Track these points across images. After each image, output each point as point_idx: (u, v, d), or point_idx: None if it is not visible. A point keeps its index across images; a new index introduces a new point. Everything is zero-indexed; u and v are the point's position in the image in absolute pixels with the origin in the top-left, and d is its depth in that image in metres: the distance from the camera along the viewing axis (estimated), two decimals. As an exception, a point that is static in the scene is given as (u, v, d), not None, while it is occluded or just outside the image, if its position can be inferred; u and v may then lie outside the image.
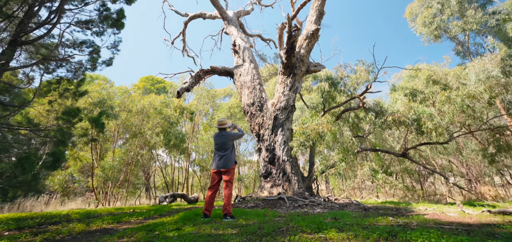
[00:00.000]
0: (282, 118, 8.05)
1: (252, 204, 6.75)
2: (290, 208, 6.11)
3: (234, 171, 4.19)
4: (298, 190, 7.89)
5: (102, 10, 6.70)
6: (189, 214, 3.95)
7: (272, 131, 8.13)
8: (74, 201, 12.94)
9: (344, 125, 11.87)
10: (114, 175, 13.27)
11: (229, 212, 3.71)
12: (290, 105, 8.05)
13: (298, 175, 8.23)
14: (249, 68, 8.85)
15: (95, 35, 6.90)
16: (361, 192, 13.78)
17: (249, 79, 8.68)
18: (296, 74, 8.05)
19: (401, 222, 3.01)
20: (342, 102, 9.21)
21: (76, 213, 5.34)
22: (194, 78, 9.05)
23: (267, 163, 8.30)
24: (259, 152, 8.71)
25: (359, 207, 6.55)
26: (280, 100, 8.08)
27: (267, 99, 8.52)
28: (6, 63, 4.77)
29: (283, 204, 6.62)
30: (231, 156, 4.21)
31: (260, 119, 8.36)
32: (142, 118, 13.88)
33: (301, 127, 7.29)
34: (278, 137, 8.05)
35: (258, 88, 8.54)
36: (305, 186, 8.64)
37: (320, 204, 6.91)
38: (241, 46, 9.34)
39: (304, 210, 5.80)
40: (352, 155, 8.83)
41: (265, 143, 8.31)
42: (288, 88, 8.02)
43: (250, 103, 8.48)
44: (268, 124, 8.20)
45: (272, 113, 8.11)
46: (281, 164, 8.04)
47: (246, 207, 6.55)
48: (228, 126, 4.50)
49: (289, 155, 8.02)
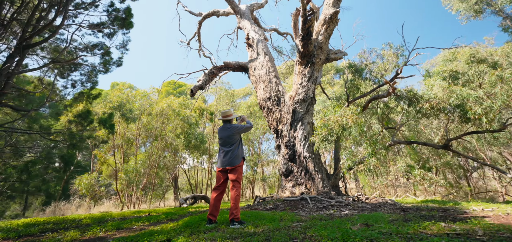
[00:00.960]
0: (301, 112, 7.37)
1: (271, 206, 6.18)
2: (313, 210, 5.44)
3: (241, 168, 3.64)
4: (323, 189, 7.17)
5: (111, 11, 6.59)
6: (194, 219, 3.52)
7: (291, 125, 7.49)
8: (102, 205, 13.38)
9: (372, 117, 10.79)
10: (138, 178, 13.51)
11: (237, 217, 3.20)
12: (310, 97, 7.35)
13: (322, 172, 7.50)
14: (263, 61, 8.30)
15: (107, 37, 6.83)
16: (396, 190, 12.50)
17: (264, 72, 8.13)
18: (314, 63, 7.33)
19: (459, 229, 2.26)
20: (368, 92, 8.26)
21: (88, 218, 5.20)
22: (207, 76, 8.73)
23: (287, 161, 7.69)
24: (278, 149, 8.11)
25: (396, 207, 5.67)
26: (298, 92, 7.41)
27: (284, 92, 7.90)
28: (16, 67, 4.73)
29: (306, 205, 5.97)
30: (238, 152, 3.67)
31: (277, 114, 7.77)
32: (162, 121, 13.98)
33: (322, 120, 6.57)
34: (298, 132, 7.40)
35: (274, 81, 7.96)
36: (330, 184, 7.87)
37: (348, 205, 6.14)
38: (255, 39, 8.83)
39: (329, 212, 5.10)
40: (383, 149, 7.86)
41: (284, 139, 7.70)
42: (306, 78, 7.34)
43: (266, 98, 7.93)
44: (287, 119, 7.57)
45: (290, 107, 7.47)
46: (303, 161, 7.38)
47: (264, 209, 6.01)
48: (234, 117, 3.97)
49: (311, 151, 7.32)
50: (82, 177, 11.90)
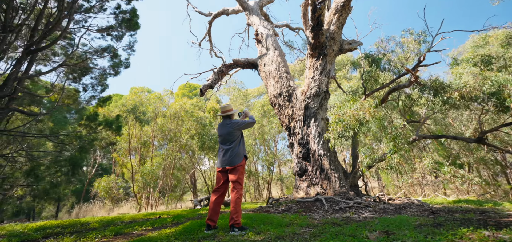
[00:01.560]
0: (314, 107, 6.93)
1: (283, 208, 5.82)
2: (329, 212, 5.00)
3: (243, 168, 3.31)
4: (340, 189, 6.68)
5: (117, 13, 6.57)
6: (195, 225, 3.26)
7: (304, 122, 7.07)
8: (122, 207, 13.71)
9: (393, 111, 10.03)
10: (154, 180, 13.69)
11: (237, 222, 2.88)
12: (323, 91, 6.89)
13: (339, 171, 7.00)
14: (273, 56, 7.95)
15: (115, 40, 6.83)
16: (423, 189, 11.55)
17: (274, 68, 7.77)
18: (326, 55, 6.86)
19: (508, 239, 1.79)
20: (387, 83, 7.60)
21: (97, 221, 5.15)
22: (217, 74, 8.54)
23: (301, 159, 7.28)
24: (291, 147, 7.72)
25: (423, 208, 5.08)
26: (310, 86, 6.98)
27: (295, 87, 7.50)
28: (25, 71, 4.77)
29: (321, 207, 5.54)
30: (239, 150, 3.34)
31: (289, 110, 7.38)
32: (177, 122, 14.08)
33: (336, 115, 6.09)
34: (311, 129, 6.96)
35: (284, 76, 7.58)
36: (349, 184, 7.35)
37: (368, 206, 5.63)
38: (264, 34, 8.50)
39: (346, 214, 4.65)
40: (406, 145, 7.18)
41: (297, 137, 7.30)
42: (318, 72, 6.88)
43: (277, 94, 7.57)
44: (299, 115, 7.17)
45: (302, 103, 7.06)
46: (317, 159, 6.93)
47: (276, 211, 5.66)
48: (234, 112, 3.66)
49: (326, 148, 6.86)
50: (101, 180, 12.24)
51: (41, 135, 4.44)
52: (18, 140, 4.42)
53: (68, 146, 4.65)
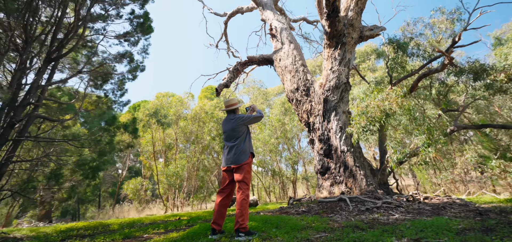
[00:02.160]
0: (334, 100, 6.45)
1: (304, 209, 5.46)
2: (353, 213, 4.55)
3: (249, 166, 3.03)
4: (367, 188, 6.13)
5: (132, 18, 6.70)
6: (202, 228, 3.08)
7: (324, 117, 6.63)
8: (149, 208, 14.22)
9: (425, 100, 9.05)
10: (179, 181, 14.01)
11: (243, 226, 2.62)
12: (343, 82, 6.39)
13: (365, 168, 6.44)
14: (288, 50, 7.59)
15: (132, 45, 6.99)
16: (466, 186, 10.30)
17: (290, 62, 7.42)
18: (345, 44, 6.34)
19: None
20: (416, 69, 6.82)
21: (117, 223, 5.25)
22: (232, 73, 8.40)
23: (322, 157, 6.84)
24: (312, 144, 7.30)
25: (467, 209, 4.41)
26: (328, 78, 6.51)
27: (313, 81, 7.07)
28: (48, 79, 4.99)
29: (345, 208, 5.09)
30: (244, 146, 3.06)
31: (307, 105, 6.98)
32: (198, 124, 14.27)
33: (359, 107, 5.58)
34: (332, 123, 6.49)
35: (301, 70, 7.19)
36: (377, 181, 6.74)
37: (399, 207, 5.05)
38: (278, 28, 8.18)
39: (373, 216, 4.17)
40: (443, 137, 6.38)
41: (317, 133, 6.87)
42: (337, 62, 6.39)
43: (294, 89, 7.21)
44: (318, 109, 6.73)
45: (321, 96, 6.62)
46: (340, 156, 6.45)
47: (296, 212, 5.33)
48: (239, 106, 3.40)
49: (349, 144, 6.35)
50: (130, 182, 12.80)
51: (63, 140, 4.66)
52: (41, 145, 4.68)
53: (89, 150, 4.83)
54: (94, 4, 6.17)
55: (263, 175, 20.71)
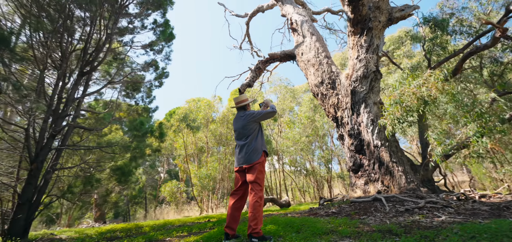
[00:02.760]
0: (363, 91, 5.93)
1: (334, 210, 5.09)
2: (390, 214, 4.07)
3: (262, 166, 2.80)
4: (407, 185, 5.51)
5: (155, 27, 7.00)
6: (218, 232, 2.99)
7: (352, 110, 6.14)
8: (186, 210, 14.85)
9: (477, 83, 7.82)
10: (212, 183, 14.37)
11: (256, 232, 2.43)
12: (371, 71, 5.83)
13: (404, 163, 5.80)
14: (310, 42, 7.22)
15: (157, 53, 7.32)
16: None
17: (312, 55, 7.05)
18: (372, 29, 5.78)
19: None
20: (459, 49, 5.89)
21: (149, 226, 5.48)
22: (254, 72, 8.32)
23: (354, 153, 6.36)
24: (342, 140, 6.84)
25: (535, 209, 3.64)
26: (355, 68, 6.01)
27: (339, 72, 6.61)
28: (83, 91, 5.45)
29: (381, 208, 4.60)
30: (256, 145, 2.85)
31: (334, 99, 6.54)
32: (227, 126, 14.50)
33: (391, 96, 5.02)
34: (362, 116, 5.98)
35: (325, 62, 6.77)
36: (419, 178, 6.03)
37: (447, 206, 4.41)
38: (298, 21, 7.84)
39: (413, 218, 3.67)
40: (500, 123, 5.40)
41: (346, 127, 6.41)
42: (363, 49, 5.86)
43: (318, 83, 6.82)
44: (346, 102, 6.26)
45: (348, 88, 6.14)
46: (374, 151, 5.91)
47: (325, 213, 4.98)
48: (249, 102, 3.19)
49: (382, 137, 5.78)
50: (166, 185, 13.53)
51: (97, 147, 5.05)
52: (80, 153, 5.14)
53: (119, 156, 5.17)
54: (121, 19, 6.56)
55: (296, 175, 20.24)
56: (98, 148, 5.09)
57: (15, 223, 4.06)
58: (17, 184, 4.29)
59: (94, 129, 5.29)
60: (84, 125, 5.51)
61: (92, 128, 5.31)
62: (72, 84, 5.08)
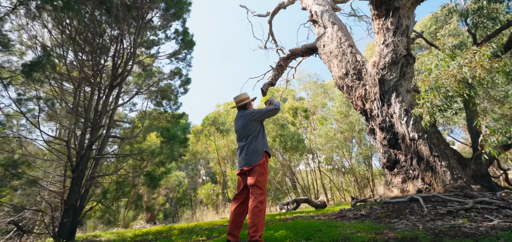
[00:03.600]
0: (393, 78, 5.33)
1: (363, 212, 4.66)
2: (427, 217, 3.55)
3: (263, 167, 2.63)
4: (453, 182, 4.79)
5: (177, 37, 7.36)
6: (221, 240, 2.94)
7: (382, 100, 5.57)
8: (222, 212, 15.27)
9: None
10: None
11: (256, 239, 2.28)
12: (402, 55, 5.20)
13: (448, 157, 5.05)
14: (332, 33, 6.78)
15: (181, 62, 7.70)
16: None
17: (335, 46, 6.60)
18: (398, 9, 5.14)
19: None
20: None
21: (178, 228, 5.75)
22: (276, 70, 8.17)
23: (387, 148, 5.78)
24: (373, 134, 6.27)
25: None
26: (382, 54, 5.43)
27: (365, 61, 6.07)
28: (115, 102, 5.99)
29: (418, 210, 4.05)
30: (256, 145, 2.68)
31: (361, 90, 6.03)
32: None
33: (425, 82, 4.41)
34: (394, 107, 5.38)
35: (348, 52, 6.29)
36: (470, 174, 5.18)
37: (506, 208, 3.68)
38: (318, 12, 7.43)
39: (456, 222, 3.13)
40: None
41: (376, 120, 5.85)
42: (390, 33, 5.26)
43: (342, 75, 6.36)
44: (374, 93, 5.72)
45: (375, 77, 5.59)
46: (410, 144, 5.28)
47: (353, 216, 4.61)
48: (250, 101, 3.03)
49: (419, 128, 5.12)
50: (202, 188, 14.11)
51: (127, 155, 5.51)
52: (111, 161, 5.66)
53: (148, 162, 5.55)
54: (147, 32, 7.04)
55: (333, 174, 19.32)
56: (128, 155, 5.54)
57: (63, 226, 4.62)
58: (64, 191, 4.88)
59: (125, 137, 5.77)
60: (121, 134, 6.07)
61: (123, 137, 5.80)
62: (104, 97, 5.57)
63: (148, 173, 5.18)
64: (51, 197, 4.73)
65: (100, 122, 5.30)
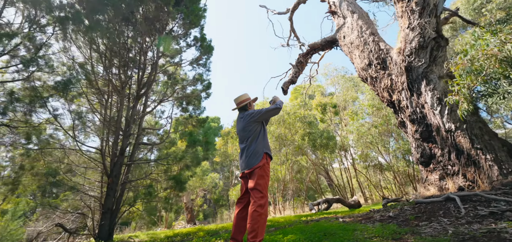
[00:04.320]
0: (422, 65, 4.81)
1: (391, 213, 4.28)
2: (462, 220, 3.12)
3: (264, 170, 2.54)
4: (502, 179, 4.16)
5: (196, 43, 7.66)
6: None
7: (410, 90, 5.08)
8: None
9: None
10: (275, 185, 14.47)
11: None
12: (431, 38, 4.66)
13: (495, 149, 4.41)
14: (352, 22, 6.38)
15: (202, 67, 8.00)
16: None
17: (355, 36, 6.21)
18: (425, -16, 4.61)
19: None
20: None
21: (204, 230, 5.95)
22: (296, 67, 7.99)
23: (420, 142, 5.27)
24: (403, 127, 5.75)
25: None
26: (408, 39, 4.94)
27: (389, 49, 5.58)
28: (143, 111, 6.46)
29: (454, 211, 3.59)
30: (256, 147, 2.60)
31: (386, 81, 5.57)
32: (284, 126, 14.38)
33: (458, 65, 3.89)
34: (425, 96, 4.86)
35: (370, 40, 5.85)
36: (527, 167, 4.43)
37: None
38: (336, 2, 7.05)
39: (497, 226, 2.69)
40: None
41: (406, 112, 5.36)
42: (416, 14, 4.74)
43: (365, 66, 5.95)
44: (401, 82, 5.23)
45: (401, 65, 5.10)
46: (446, 137, 4.73)
47: (380, 218, 4.28)
48: (250, 101, 2.96)
49: (456, 118, 4.55)
50: (233, 189, 14.42)
51: (153, 160, 5.90)
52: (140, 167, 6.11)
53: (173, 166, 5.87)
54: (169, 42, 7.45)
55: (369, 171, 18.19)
56: (154, 160, 5.93)
57: (102, 228, 5.11)
58: (101, 196, 5.41)
59: (152, 144, 6.18)
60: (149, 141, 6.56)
61: (150, 143, 6.23)
62: (132, 107, 6.03)
63: (174, 177, 5.47)
64: (91, 201, 5.28)
65: (130, 130, 5.74)
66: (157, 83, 7.48)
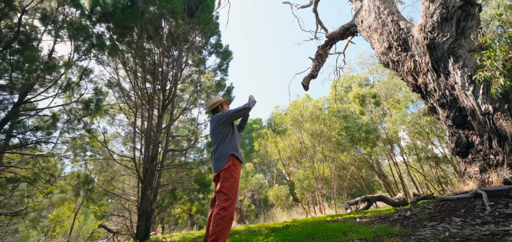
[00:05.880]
0: (447, 39, 4.14)
1: (408, 213, 3.82)
2: (478, 220, 2.61)
3: (229, 172, 2.45)
4: None
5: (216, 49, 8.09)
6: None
7: (436, 70, 4.43)
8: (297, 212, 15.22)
9: None
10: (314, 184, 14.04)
11: None
12: (455, 7, 3.97)
13: (554, 133, 3.51)
14: (369, 4, 5.83)
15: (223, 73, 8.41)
16: None
17: (373, 18, 5.67)
18: None
19: None
20: None
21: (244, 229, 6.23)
22: (316, 60, 7.71)
23: (454, 129, 4.58)
24: (433, 113, 5.05)
25: None
26: (428, 13, 4.31)
27: (410, 27, 4.95)
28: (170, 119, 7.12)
29: (479, 209, 3.03)
30: (223, 150, 2.56)
31: (409, 63, 4.96)
32: (319, 122, 13.88)
33: (486, 35, 3.26)
34: (454, 76, 4.18)
35: (389, 20, 5.27)
36: None
37: None
38: (353, -17, 6.53)
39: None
40: None
41: (434, 96, 4.70)
42: (434, -20, 4.10)
43: (385, 50, 5.39)
44: (425, 63, 4.60)
45: (423, 43, 4.48)
46: (484, 121, 4.02)
47: (397, 217, 3.87)
48: (222, 102, 2.95)
49: (492, 97, 3.79)
50: (272, 189, 14.51)
51: (177, 165, 6.43)
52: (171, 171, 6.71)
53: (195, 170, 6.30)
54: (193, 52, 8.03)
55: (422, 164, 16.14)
56: (178, 166, 6.48)
57: (139, 229, 5.81)
58: (138, 200, 6.17)
59: (179, 149, 6.77)
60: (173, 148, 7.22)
61: (177, 149, 6.82)
62: (158, 116, 6.70)
63: (197, 180, 5.89)
64: (129, 205, 6.07)
65: (158, 138, 6.40)
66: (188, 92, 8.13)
